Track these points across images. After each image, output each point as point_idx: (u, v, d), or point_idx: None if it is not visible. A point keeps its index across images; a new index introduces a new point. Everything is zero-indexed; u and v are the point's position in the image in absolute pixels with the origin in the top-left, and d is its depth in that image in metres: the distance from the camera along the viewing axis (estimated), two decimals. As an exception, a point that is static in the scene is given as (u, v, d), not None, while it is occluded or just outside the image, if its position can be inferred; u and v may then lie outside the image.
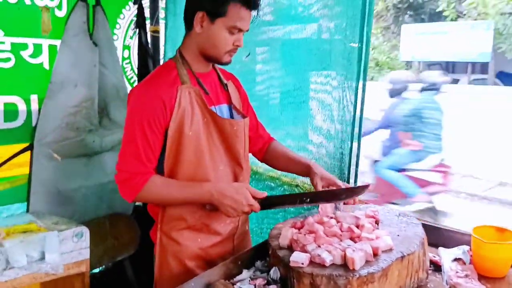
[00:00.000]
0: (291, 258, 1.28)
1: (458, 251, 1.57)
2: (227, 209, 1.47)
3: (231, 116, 1.66)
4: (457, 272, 1.45)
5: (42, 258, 1.75)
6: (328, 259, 1.25)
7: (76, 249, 1.88)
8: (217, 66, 1.69)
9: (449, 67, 17.65)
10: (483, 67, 15.12)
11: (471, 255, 1.53)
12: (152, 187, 1.50)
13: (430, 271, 1.48)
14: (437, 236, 1.68)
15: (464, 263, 1.51)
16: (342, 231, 1.40)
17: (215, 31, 1.49)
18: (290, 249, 1.39)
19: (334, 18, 1.94)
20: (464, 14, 13.29)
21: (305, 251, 1.31)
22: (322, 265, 1.25)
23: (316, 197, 1.55)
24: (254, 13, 1.54)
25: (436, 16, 15.43)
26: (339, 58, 1.92)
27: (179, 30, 2.56)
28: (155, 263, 1.65)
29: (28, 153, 2.01)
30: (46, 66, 2.04)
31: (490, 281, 1.43)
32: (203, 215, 1.60)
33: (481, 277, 1.44)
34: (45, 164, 2.07)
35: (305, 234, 1.39)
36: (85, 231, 1.91)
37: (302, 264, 1.26)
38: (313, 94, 2.09)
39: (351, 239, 1.37)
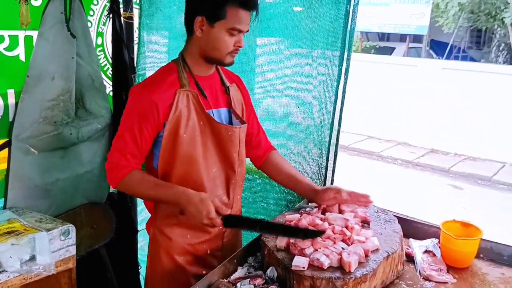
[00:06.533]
0: (293, 263, 1.38)
1: (428, 243, 1.75)
2: (189, 216, 1.52)
3: (230, 120, 1.71)
4: (430, 265, 1.64)
5: (32, 258, 1.75)
6: (326, 262, 1.38)
7: (64, 247, 1.88)
8: (222, 68, 1.73)
9: (384, 36, 18.27)
10: (417, 37, 15.82)
11: (439, 247, 1.71)
12: (129, 181, 1.58)
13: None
14: (406, 227, 1.81)
15: (434, 255, 1.68)
16: (334, 233, 1.54)
17: (215, 35, 1.53)
18: (287, 251, 1.50)
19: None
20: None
21: (304, 255, 1.43)
22: (321, 268, 1.37)
23: (274, 229, 1.58)
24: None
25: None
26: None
27: (154, 16, 2.50)
28: (147, 257, 1.73)
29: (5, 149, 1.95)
30: (22, 58, 1.95)
31: (457, 271, 1.62)
32: None
33: (449, 267, 1.63)
34: (22, 159, 2.00)
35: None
36: (72, 228, 1.90)
37: (303, 268, 1.37)
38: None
39: (343, 241, 1.50)
